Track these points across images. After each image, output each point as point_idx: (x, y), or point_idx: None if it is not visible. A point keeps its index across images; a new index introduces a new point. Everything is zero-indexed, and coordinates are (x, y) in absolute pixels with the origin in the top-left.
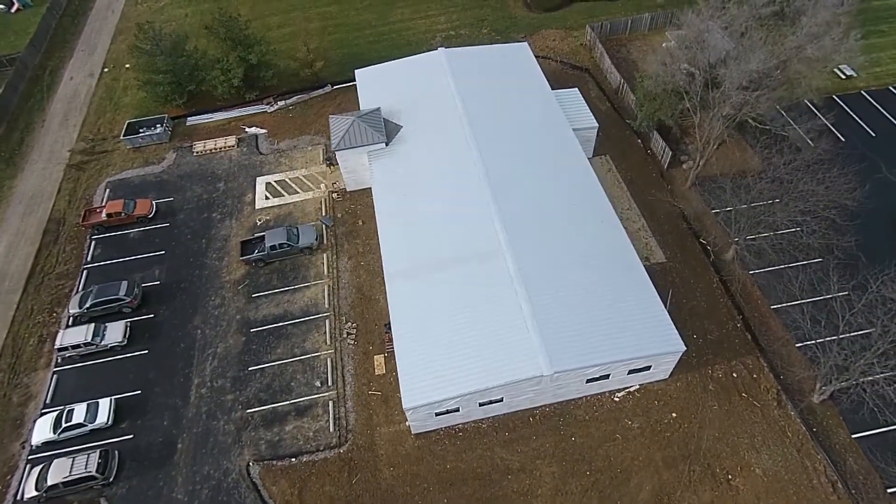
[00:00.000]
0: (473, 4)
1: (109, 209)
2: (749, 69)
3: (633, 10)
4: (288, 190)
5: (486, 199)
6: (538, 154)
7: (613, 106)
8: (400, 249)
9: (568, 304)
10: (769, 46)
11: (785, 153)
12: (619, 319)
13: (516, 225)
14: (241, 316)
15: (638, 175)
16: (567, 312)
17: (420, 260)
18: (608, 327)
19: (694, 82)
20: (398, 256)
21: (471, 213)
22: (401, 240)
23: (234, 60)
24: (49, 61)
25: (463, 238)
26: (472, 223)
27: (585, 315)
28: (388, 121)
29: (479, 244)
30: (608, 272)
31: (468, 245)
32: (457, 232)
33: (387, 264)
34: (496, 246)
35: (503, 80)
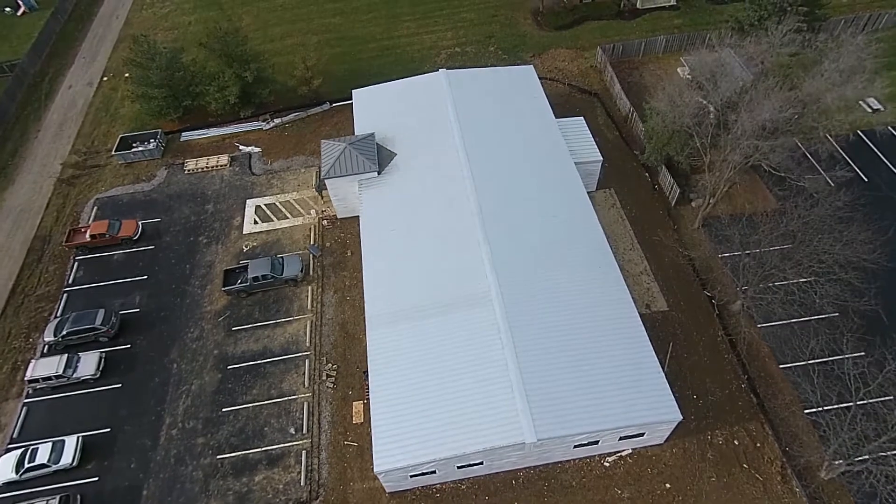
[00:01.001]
0: (482, 20)
1: (94, 230)
2: (762, 118)
3: (648, 31)
4: (277, 215)
5: (478, 240)
6: (536, 190)
7: (622, 135)
8: (384, 292)
9: (557, 363)
10: (785, 92)
11: (800, 205)
12: (612, 382)
13: (508, 269)
14: (219, 351)
15: (643, 212)
16: (556, 373)
17: (404, 304)
18: (599, 391)
19: (706, 119)
20: (381, 299)
21: (461, 255)
22: (385, 281)
23: (229, 77)
24: (49, 68)
25: (451, 282)
26: (462, 265)
27: (576, 376)
28: (382, 147)
29: (467, 289)
30: (604, 327)
31: (456, 290)
32: (445, 274)
33: (369, 307)
34: (485, 292)
35: (505, 106)
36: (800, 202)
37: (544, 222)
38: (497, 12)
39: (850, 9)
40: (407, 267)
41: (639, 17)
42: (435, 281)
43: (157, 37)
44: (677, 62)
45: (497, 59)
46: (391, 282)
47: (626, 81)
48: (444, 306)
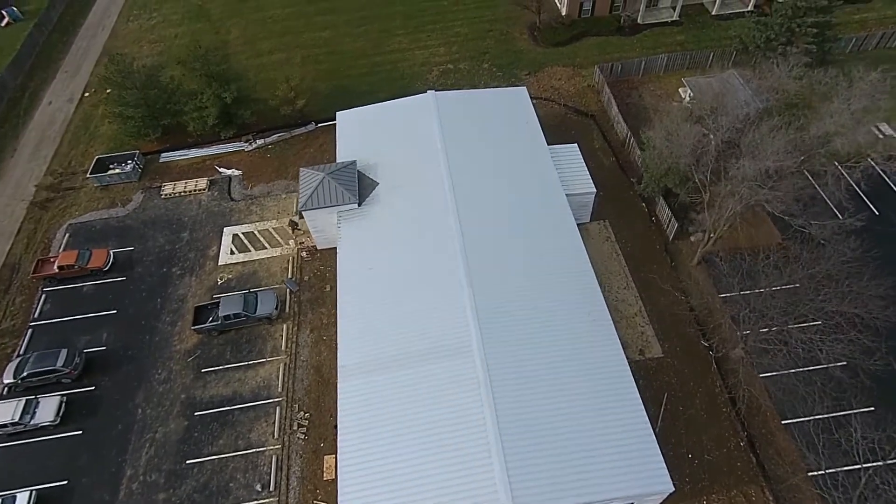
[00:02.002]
0: (476, 35)
1: (62, 261)
2: (765, 165)
3: (650, 48)
4: (255, 244)
5: (460, 282)
6: (524, 227)
7: (618, 161)
8: (358, 339)
9: (540, 424)
10: (791, 134)
11: (804, 256)
12: (599, 448)
13: (490, 316)
14: (187, 395)
15: (639, 247)
16: (538, 435)
17: (379, 352)
18: (585, 457)
19: (705, 156)
20: (355, 348)
21: (442, 298)
22: (360, 326)
23: (208, 98)
24: (31, 82)
25: (430, 329)
26: (443, 310)
27: (560, 440)
28: (364, 175)
29: (447, 337)
30: (592, 384)
31: (435, 338)
32: (424, 320)
33: (342, 356)
34: (465, 341)
35: (495, 132)
36: (805, 252)
37: (532, 264)
38: (492, 27)
39: (861, 26)
40: (384, 310)
41: (640, 33)
42: (413, 327)
43: (142, 50)
44: (679, 82)
45: (491, 77)
46: (367, 327)
47: (624, 102)
48: (422, 356)
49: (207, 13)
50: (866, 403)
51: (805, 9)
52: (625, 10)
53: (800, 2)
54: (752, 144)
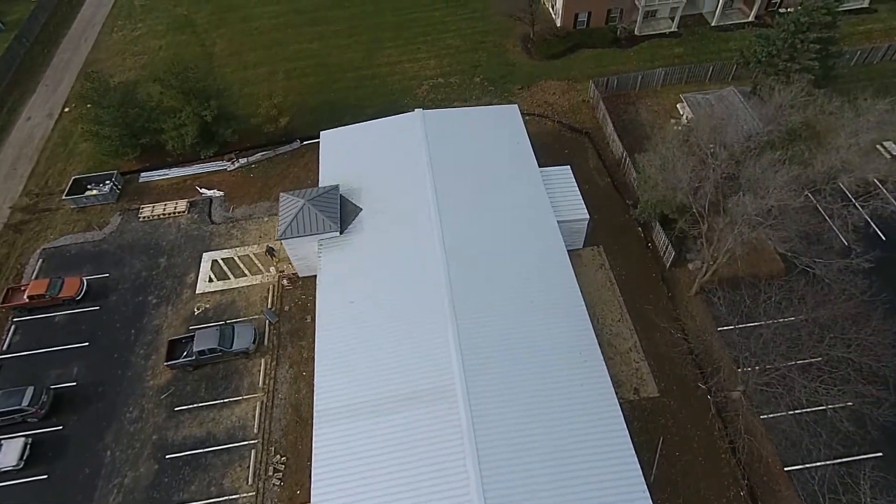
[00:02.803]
0: (468, 47)
1: (32, 290)
2: (768, 204)
3: (647, 60)
4: (235, 271)
5: (445, 318)
6: (513, 257)
7: (614, 182)
8: (336, 381)
9: (526, 479)
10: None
11: (808, 297)
12: (590, 498)
13: (476, 357)
14: (159, 436)
15: (634, 275)
16: (524, 492)
17: (358, 396)
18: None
19: (703, 184)
20: (332, 390)
21: (425, 336)
22: (339, 367)
23: (187, 116)
24: (9, 96)
25: (412, 370)
26: (426, 350)
27: (546, 495)
28: (347, 201)
29: (430, 380)
30: (583, 433)
31: (417, 380)
32: (406, 360)
33: (318, 399)
34: (449, 385)
35: (485, 154)
36: (809, 291)
37: (520, 298)
38: (484, 39)
39: (865, 38)
40: (364, 349)
41: (637, 45)
42: (394, 368)
43: (125, 62)
44: (677, 98)
45: (483, 91)
46: (345, 368)
47: (620, 119)
48: (402, 401)
49: (193, 23)
50: (874, 449)
51: (808, 24)
52: (621, 21)
53: (803, 17)
54: (753, 178)
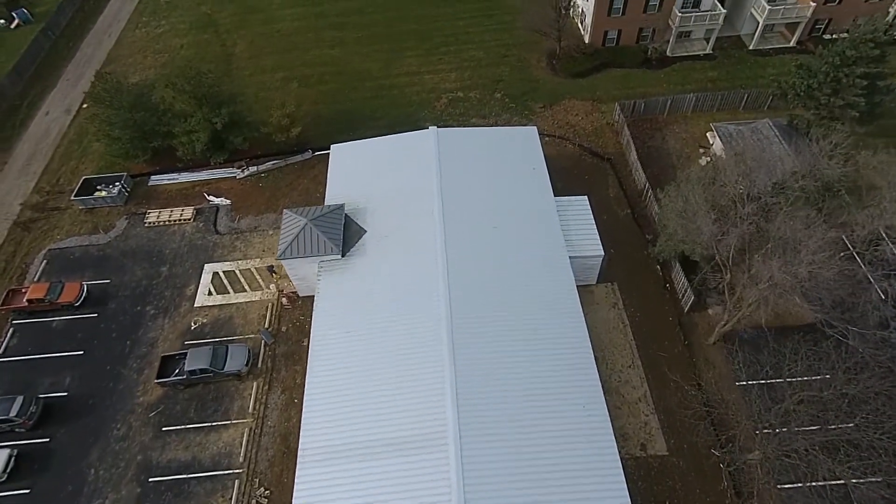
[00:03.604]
0: (491, 60)
1: (32, 294)
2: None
3: (678, 83)
4: (235, 285)
5: (443, 358)
6: (519, 294)
7: (634, 214)
8: (324, 418)
9: None
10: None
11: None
12: None
13: (472, 404)
14: (144, 457)
15: (649, 317)
16: None
17: (345, 437)
18: None
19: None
20: (320, 428)
21: (420, 377)
22: (329, 403)
23: (198, 122)
24: (31, 90)
25: (404, 413)
26: (420, 392)
27: None
28: (352, 221)
29: (421, 425)
30: (580, 490)
31: (409, 425)
32: (399, 402)
33: (304, 437)
34: (441, 432)
35: (498, 179)
36: (839, 363)
37: (523, 341)
38: (508, 52)
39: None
40: (356, 385)
41: (668, 67)
42: (386, 410)
43: (145, 60)
44: (707, 126)
45: (503, 108)
46: (335, 406)
47: (645, 145)
48: (392, 445)
49: (215, 23)
50: None
51: (855, 58)
52: (653, 40)
53: (849, 50)
54: (782, 236)
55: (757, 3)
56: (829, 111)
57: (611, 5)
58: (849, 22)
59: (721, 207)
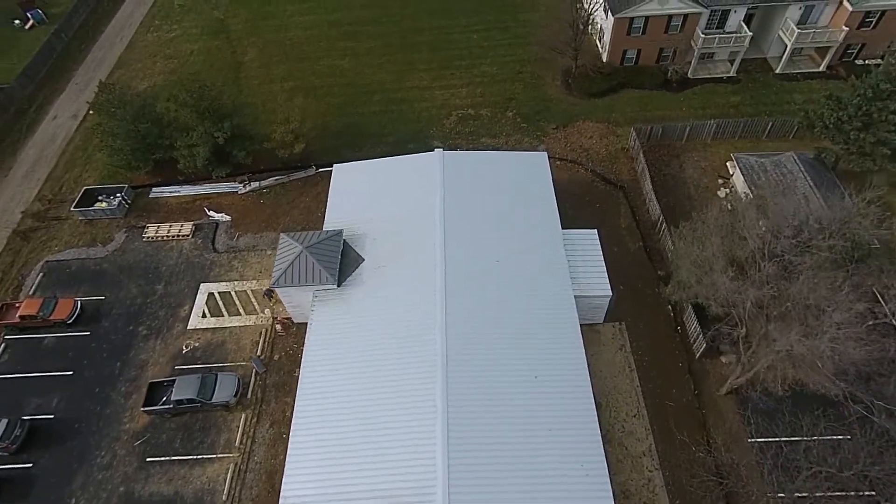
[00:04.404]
0: (504, 76)
1: (24, 310)
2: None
3: (698, 108)
4: (230, 308)
5: (435, 405)
6: (519, 337)
7: (646, 248)
8: (308, 466)
9: None
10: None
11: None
12: None
13: (464, 458)
14: (126, 489)
15: (658, 361)
16: None
17: (329, 488)
18: None
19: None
20: (304, 477)
21: (411, 424)
22: (313, 449)
23: (199, 137)
24: (40, 93)
25: (392, 462)
26: (410, 439)
27: None
28: (350, 248)
29: (409, 480)
30: None
31: (396, 476)
32: (387, 448)
33: (286, 486)
34: (431, 487)
35: (504, 208)
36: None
37: (522, 384)
38: (522, 68)
39: None
40: (343, 431)
41: (688, 89)
42: (373, 458)
43: (155, 66)
44: (727, 155)
45: (514, 128)
46: (319, 454)
47: (661, 173)
48: (378, 498)
49: (227, 29)
50: None
51: (889, 91)
52: (674, 61)
53: (883, 83)
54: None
55: (785, 25)
56: (859, 147)
57: (630, 24)
58: (883, 47)
59: (739, 262)
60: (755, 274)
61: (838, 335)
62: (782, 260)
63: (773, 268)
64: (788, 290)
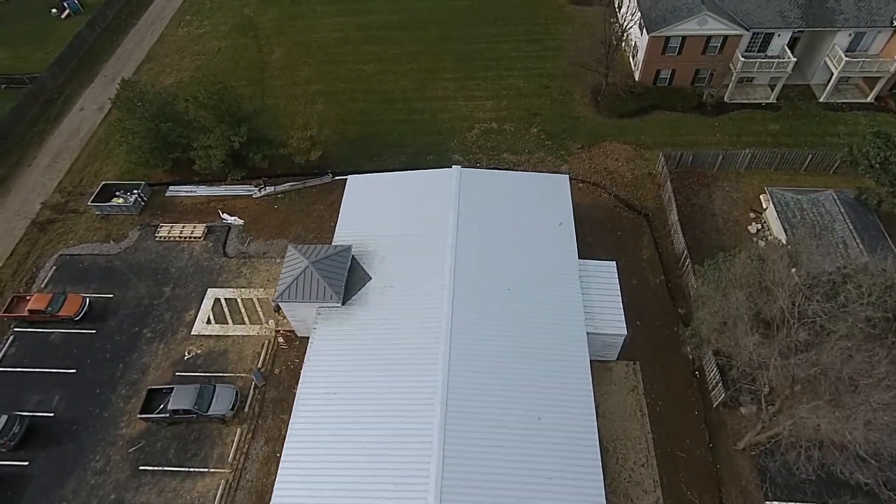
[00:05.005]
0: (531, 90)
1: (33, 304)
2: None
3: (733, 135)
4: (235, 316)
5: (432, 441)
6: (524, 373)
7: (668, 283)
8: (298, 489)
9: None
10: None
11: None
12: None
13: (456, 498)
14: (117, 496)
15: (672, 407)
16: None
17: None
18: None
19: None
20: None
21: (405, 462)
22: (304, 477)
23: (215, 139)
24: (70, 84)
25: (381, 497)
26: (403, 476)
27: None
28: (359, 265)
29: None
30: None
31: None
32: (378, 484)
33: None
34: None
35: (519, 233)
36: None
37: (523, 425)
38: (550, 83)
39: None
40: (337, 458)
41: (724, 115)
42: (362, 489)
43: (182, 61)
44: (761, 187)
45: (537, 145)
46: (311, 480)
47: (689, 203)
48: None
49: (256, 27)
50: None
51: None
52: (710, 84)
53: None
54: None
55: (833, 52)
56: None
57: (666, 43)
58: None
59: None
60: (782, 339)
61: (875, 419)
62: (814, 325)
63: (804, 334)
64: (819, 357)
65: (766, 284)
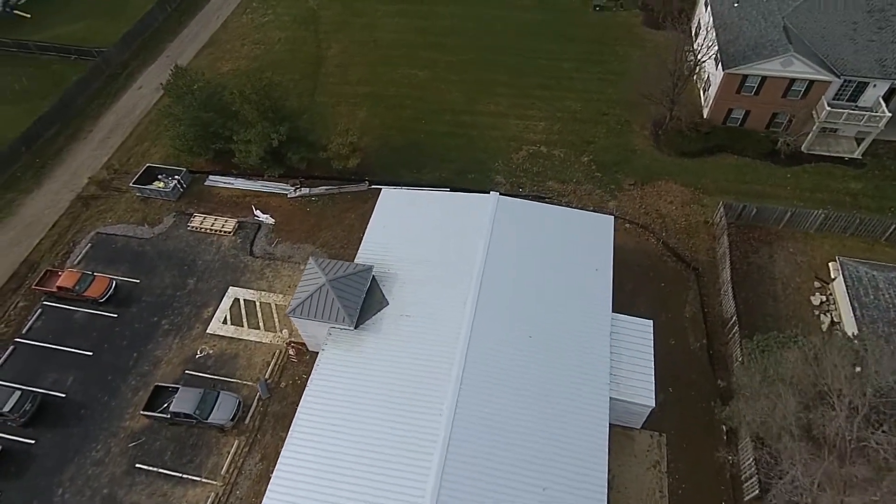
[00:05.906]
0: (587, 116)
1: (62, 281)
2: None
3: (806, 190)
4: (251, 319)
5: (425, 490)
6: (536, 433)
7: (710, 350)
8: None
9: None
10: None
11: None
12: None
13: None
14: (110, 491)
15: (696, 493)
16: None
17: None
18: None
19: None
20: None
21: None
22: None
23: (255, 135)
24: (134, 61)
25: None
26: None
27: None
28: (377, 288)
29: None
30: None
31: None
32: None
33: None
34: None
35: (551, 273)
36: None
37: (524, 492)
38: (609, 110)
39: None
40: (329, 494)
41: (799, 166)
42: None
43: (242, 49)
44: (831, 254)
45: (586, 176)
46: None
47: (745, 261)
48: None
49: (317, 21)
50: None
51: None
52: (788, 130)
53: None
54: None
55: None
56: None
57: (743, 82)
58: None
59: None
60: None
61: None
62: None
63: (864, 469)
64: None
65: (822, 388)
